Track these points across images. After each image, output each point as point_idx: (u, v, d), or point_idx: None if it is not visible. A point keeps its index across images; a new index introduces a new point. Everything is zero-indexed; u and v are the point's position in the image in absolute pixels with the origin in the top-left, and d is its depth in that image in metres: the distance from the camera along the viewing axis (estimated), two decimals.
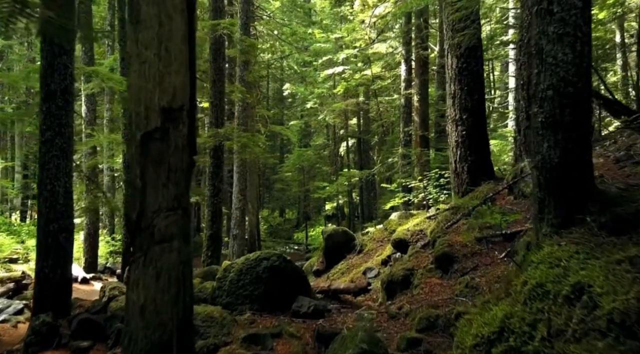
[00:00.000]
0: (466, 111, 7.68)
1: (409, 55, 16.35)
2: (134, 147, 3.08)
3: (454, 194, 7.81)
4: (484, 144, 7.77)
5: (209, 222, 11.46)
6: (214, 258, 11.30)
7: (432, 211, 7.81)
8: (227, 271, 5.46)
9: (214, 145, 11.39)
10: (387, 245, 8.32)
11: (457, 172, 7.71)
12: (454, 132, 7.78)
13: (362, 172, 19.12)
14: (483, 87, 7.90)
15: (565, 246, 2.76)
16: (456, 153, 7.73)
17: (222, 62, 11.73)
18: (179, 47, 3.18)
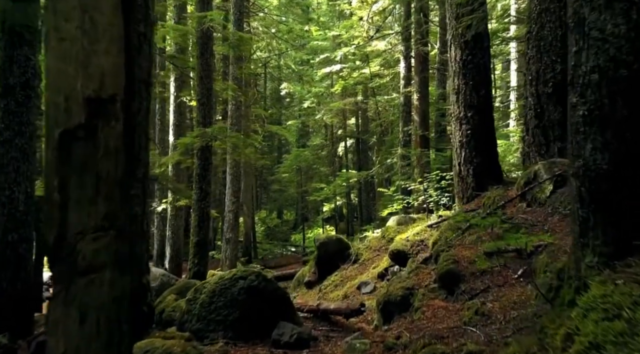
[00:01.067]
0: (471, 108, 6.90)
1: (408, 51, 15.56)
2: (51, 150, 2.28)
3: (458, 200, 7.03)
4: (491, 144, 6.99)
5: (196, 228, 10.68)
6: (200, 266, 10.51)
7: (433, 217, 7.03)
8: (199, 292, 4.67)
9: (201, 146, 10.60)
10: (384, 255, 7.54)
11: (462, 176, 6.93)
12: (457, 132, 7.00)
13: (360, 174, 18.34)
14: (490, 81, 7.12)
15: (624, 286, 1.98)
16: (460, 154, 6.95)
17: (210, 58, 10.94)
18: (109, 19, 2.36)
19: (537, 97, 7.81)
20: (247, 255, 21.23)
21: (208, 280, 4.75)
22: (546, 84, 7.73)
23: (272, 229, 29.27)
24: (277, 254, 25.66)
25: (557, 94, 7.65)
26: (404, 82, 15.65)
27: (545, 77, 7.76)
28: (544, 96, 7.76)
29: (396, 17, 21.86)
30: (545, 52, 7.78)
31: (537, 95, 7.82)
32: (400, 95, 15.99)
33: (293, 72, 28.49)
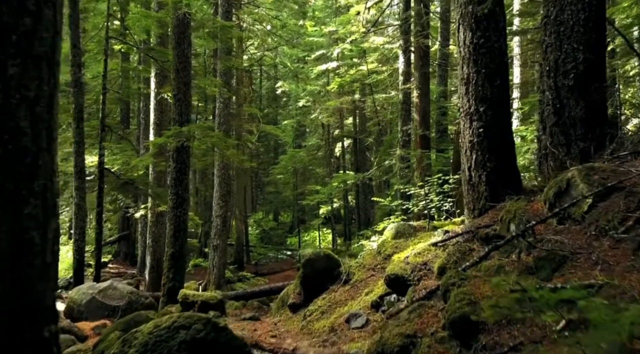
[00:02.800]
0: (484, 102, 5.66)
1: (407, 45, 14.31)
2: None
3: (467, 211, 5.79)
4: (508, 145, 5.75)
5: (171, 239, 9.45)
6: (176, 281, 9.28)
7: (438, 233, 5.78)
8: (127, 344, 3.42)
9: (177, 146, 9.38)
10: (379, 276, 6.30)
11: (472, 183, 5.68)
12: (467, 130, 5.75)
13: (357, 176, 17.09)
14: (507, 69, 5.89)
15: None
16: (471, 157, 5.71)
17: (188, 48, 9.70)
18: None
19: (555, 90, 6.59)
20: (239, 261, 19.98)
21: (141, 328, 3.49)
22: (566, 75, 6.51)
23: (268, 232, 28.01)
24: (271, 258, 24.44)
25: (580, 87, 6.43)
26: (403, 78, 14.40)
27: (565, 67, 6.54)
28: (563, 89, 6.54)
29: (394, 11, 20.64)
30: (566, 38, 6.56)
31: (556, 88, 6.59)
32: (399, 92, 14.75)
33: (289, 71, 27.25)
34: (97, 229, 11.02)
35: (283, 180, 25.92)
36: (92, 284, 9.00)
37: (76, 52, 10.58)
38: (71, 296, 8.83)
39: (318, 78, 22.91)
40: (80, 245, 10.42)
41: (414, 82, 14.08)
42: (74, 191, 10.60)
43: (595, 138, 6.47)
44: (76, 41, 10.65)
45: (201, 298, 7.65)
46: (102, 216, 11.28)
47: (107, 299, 8.60)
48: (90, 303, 8.57)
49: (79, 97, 10.52)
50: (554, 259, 3.57)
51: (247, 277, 16.43)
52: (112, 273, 17.07)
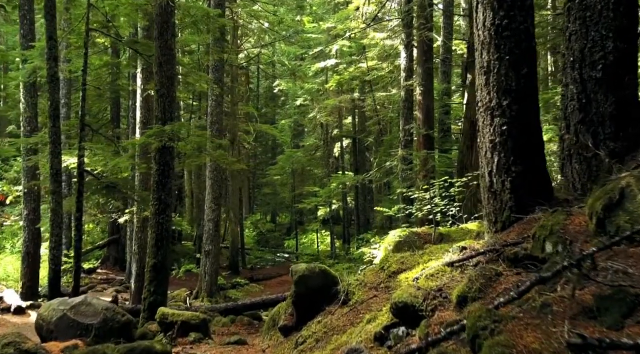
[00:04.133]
0: (508, 94, 4.72)
1: (410, 40, 13.36)
2: None
3: (488, 224, 4.85)
4: (537, 146, 4.82)
5: (153, 248, 8.50)
6: (158, 295, 8.34)
7: (453, 250, 4.83)
8: None
9: (159, 147, 8.44)
10: (383, 297, 5.38)
11: (494, 191, 4.74)
12: (488, 128, 4.81)
13: (357, 178, 16.15)
14: (535, 55, 4.95)
15: None
16: (492, 160, 4.77)
17: (172, 39, 8.76)
18: None
19: (581, 83, 5.65)
20: (234, 266, 19.03)
21: None
22: (594, 66, 5.56)
23: (265, 234, 27.05)
24: (268, 261, 23.49)
25: (609, 80, 5.48)
26: (405, 74, 13.46)
27: (592, 58, 5.59)
28: (591, 82, 5.60)
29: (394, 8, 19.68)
30: (593, 25, 5.61)
31: (582, 81, 5.65)
32: (401, 89, 13.80)
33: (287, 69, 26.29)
34: (76, 237, 10.07)
35: (280, 181, 24.98)
36: (64, 300, 8.05)
37: (52, 44, 9.64)
38: (40, 312, 7.89)
39: (316, 76, 21.98)
40: (56, 254, 9.48)
41: (416, 78, 13.15)
42: (50, 196, 9.66)
43: (628, 138, 5.51)
44: (52, 33, 9.70)
45: (182, 317, 6.72)
46: (82, 222, 10.33)
47: (80, 317, 7.65)
48: (61, 321, 7.61)
49: (55, 93, 9.59)
50: (623, 300, 2.63)
51: (241, 284, 15.49)
52: (101, 279, 16.14)
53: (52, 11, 9.58)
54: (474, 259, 4.37)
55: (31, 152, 12.44)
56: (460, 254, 4.69)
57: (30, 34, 12.59)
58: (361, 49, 19.13)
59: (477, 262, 4.33)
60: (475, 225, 10.51)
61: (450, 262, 4.53)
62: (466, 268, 4.37)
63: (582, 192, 5.66)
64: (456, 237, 9.91)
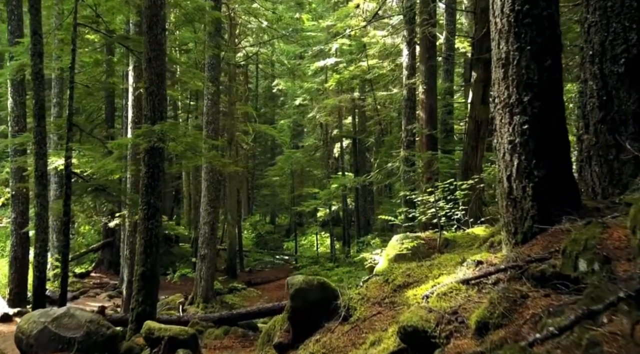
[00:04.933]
0: (529, 89, 4.17)
1: (412, 36, 12.79)
2: None
3: (507, 235, 4.29)
4: (562, 147, 4.25)
5: (141, 255, 7.94)
6: (146, 305, 7.78)
7: (467, 265, 4.27)
8: None
9: (148, 147, 7.88)
10: (388, 314, 4.82)
11: (514, 198, 4.18)
12: (506, 127, 4.26)
13: (357, 179, 15.58)
14: (559, 44, 4.39)
15: None
16: (511, 163, 4.21)
17: (162, 33, 8.20)
18: None
19: (601, 79, 5.12)
20: (231, 269, 18.45)
21: None
22: (615, 60, 5.03)
23: (263, 236, 26.47)
24: (267, 263, 22.92)
25: (632, 75, 4.95)
26: (407, 72, 12.89)
27: (614, 51, 5.06)
28: (612, 77, 5.07)
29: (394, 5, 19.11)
30: (615, 15, 5.09)
31: (602, 76, 5.12)
32: (403, 88, 13.23)
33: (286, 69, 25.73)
34: (63, 241, 9.52)
35: (279, 182, 24.40)
36: (45, 311, 7.50)
37: (36, 39, 9.08)
38: (20, 324, 7.33)
39: (315, 75, 21.42)
40: (40, 260, 8.92)
41: (419, 76, 12.58)
42: (35, 199, 9.10)
43: None
44: (37, 27, 9.14)
45: (169, 333, 6.16)
46: (70, 226, 9.77)
47: (61, 330, 7.10)
48: (42, 334, 7.07)
49: (40, 90, 9.02)
50: None
51: (238, 288, 14.93)
52: (94, 283, 15.58)
53: (36, 4, 9.02)
54: (493, 276, 3.82)
55: (19, 152, 11.88)
56: (476, 269, 4.13)
57: (18, 30, 12.03)
58: (361, 47, 18.56)
59: (497, 280, 3.77)
60: (482, 229, 9.94)
61: (465, 279, 3.96)
62: (484, 286, 3.82)
63: (603, 196, 5.11)
64: (462, 243, 9.35)
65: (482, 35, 12.08)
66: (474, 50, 11.86)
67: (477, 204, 11.43)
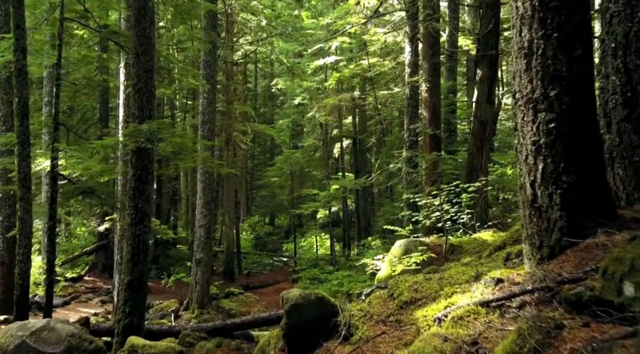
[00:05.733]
0: (557, 82, 3.62)
1: (414, 32, 12.25)
2: None
3: (530, 249, 3.74)
4: (594, 147, 3.71)
5: (128, 263, 7.40)
6: (134, 317, 7.24)
7: (486, 283, 3.71)
8: None
9: (136, 147, 7.35)
10: (394, 335, 4.30)
11: (539, 207, 3.64)
12: (529, 125, 3.72)
13: (357, 181, 15.03)
14: (590, 31, 3.84)
15: None
16: (535, 167, 3.67)
17: (150, 27, 7.66)
18: None
19: (625, 74, 4.60)
20: (229, 272, 17.91)
21: None
22: None
23: (262, 238, 25.91)
24: (265, 266, 22.38)
25: None
26: (409, 70, 12.35)
27: (639, 43, 4.54)
28: (637, 72, 4.54)
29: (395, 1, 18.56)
30: None
31: (626, 71, 4.60)
32: (405, 86, 12.69)
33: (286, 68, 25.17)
34: (48, 247, 8.99)
35: (278, 183, 23.84)
36: (24, 324, 6.95)
37: (19, 34, 8.53)
38: None
39: (315, 74, 20.87)
40: (23, 267, 8.36)
41: (422, 74, 12.03)
42: (18, 202, 8.55)
43: None
44: (20, 21, 8.60)
45: (153, 350, 5.62)
46: (55, 230, 9.23)
47: (40, 344, 6.55)
48: (19, 349, 6.51)
49: (23, 88, 8.48)
50: None
51: (235, 293, 14.38)
52: (87, 288, 15.04)
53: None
54: (517, 299, 3.27)
55: (6, 153, 11.33)
56: (496, 288, 3.58)
57: (6, 26, 11.46)
58: (362, 45, 18.01)
59: (522, 304, 3.23)
60: (489, 234, 9.40)
61: (484, 301, 3.42)
62: (507, 310, 3.27)
63: (627, 202, 4.58)
64: (469, 249, 8.81)
65: (487, 31, 11.55)
66: (479, 46, 11.33)
67: (483, 207, 10.90)
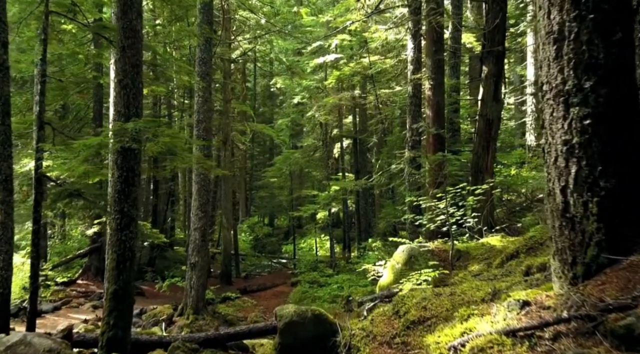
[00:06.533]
0: (593, 72, 3.08)
1: (417, 28, 11.71)
2: None
3: (560, 267, 3.20)
4: (637, 148, 3.13)
5: (113, 272, 6.88)
6: (118, 329, 6.71)
7: (509, 306, 3.17)
8: None
9: (121, 148, 6.81)
10: None
11: (570, 216, 3.10)
12: (559, 122, 3.18)
13: (358, 183, 14.49)
14: (632, 12, 3.29)
15: None
16: (566, 171, 3.13)
17: (137, 19, 7.13)
18: None
19: None
20: (226, 275, 17.38)
21: None
22: None
23: (261, 239, 25.37)
24: (264, 268, 21.85)
25: None
26: (412, 67, 11.80)
27: None
28: None
29: None
30: None
31: None
32: (408, 83, 12.15)
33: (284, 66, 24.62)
34: (32, 253, 8.40)
35: (277, 184, 23.29)
36: None
37: (0, 27, 7.97)
38: None
39: (315, 72, 20.34)
40: (4, 275, 7.80)
41: (425, 71, 11.50)
42: None
43: None
44: (1, 14, 8.04)
45: None
46: (39, 236, 8.66)
47: None
48: None
49: (4, 84, 7.90)
50: None
51: (231, 297, 13.84)
52: (79, 292, 14.50)
53: None
54: (550, 328, 2.73)
55: None
56: (521, 313, 3.04)
57: None
58: (362, 43, 17.47)
59: (556, 334, 2.69)
60: (497, 239, 8.87)
61: (510, 330, 2.87)
62: (538, 341, 2.73)
63: None
64: (477, 255, 8.26)
65: (493, 26, 11.02)
66: (485, 41, 10.80)
67: (489, 210, 10.36)
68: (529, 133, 19.33)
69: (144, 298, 14.63)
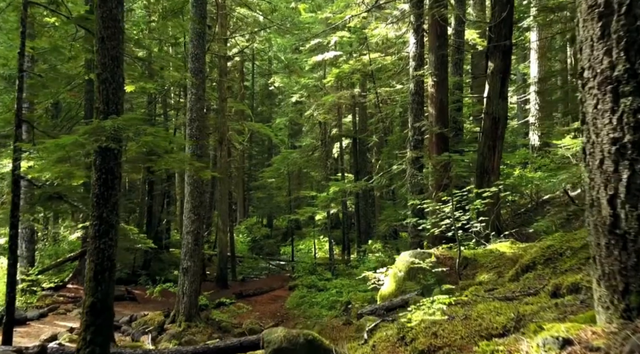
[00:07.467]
0: None
1: (420, 22, 11.08)
2: None
3: (609, 294, 2.58)
4: None
5: (91, 283, 6.23)
6: (95, 346, 6.06)
7: (546, 344, 2.54)
8: None
9: (99, 148, 6.19)
10: None
11: (621, 233, 2.47)
12: (605, 116, 2.55)
13: (358, 184, 13.85)
14: None
15: None
16: (615, 176, 2.50)
17: (117, 8, 6.49)
18: None
19: None
20: (221, 279, 16.75)
21: None
22: None
23: (259, 241, 24.73)
24: (261, 270, 21.22)
25: None
26: (414, 63, 11.17)
27: None
28: None
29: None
30: None
31: None
32: (410, 80, 11.51)
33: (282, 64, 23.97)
34: (9, 260, 7.84)
35: (275, 184, 22.67)
36: None
37: None
38: None
39: (313, 70, 19.70)
40: None
41: (428, 67, 10.88)
42: None
43: None
44: None
45: None
46: (17, 240, 8.07)
47: None
48: None
49: None
50: None
51: (226, 303, 13.22)
52: (68, 297, 13.88)
53: None
54: None
55: None
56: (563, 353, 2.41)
57: None
58: (362, 40, 16.84)
59: None
60: (506, 246, 8.24)
61: None
62: None
63: None
64: (485, 263, 7.63)
65: (500, 20, 10.40)
66: (491, 35, 10.17)
67: (497, 214, 9.75)
68: (532, 133, 18.72)
69: (136, 304, 14.01)
